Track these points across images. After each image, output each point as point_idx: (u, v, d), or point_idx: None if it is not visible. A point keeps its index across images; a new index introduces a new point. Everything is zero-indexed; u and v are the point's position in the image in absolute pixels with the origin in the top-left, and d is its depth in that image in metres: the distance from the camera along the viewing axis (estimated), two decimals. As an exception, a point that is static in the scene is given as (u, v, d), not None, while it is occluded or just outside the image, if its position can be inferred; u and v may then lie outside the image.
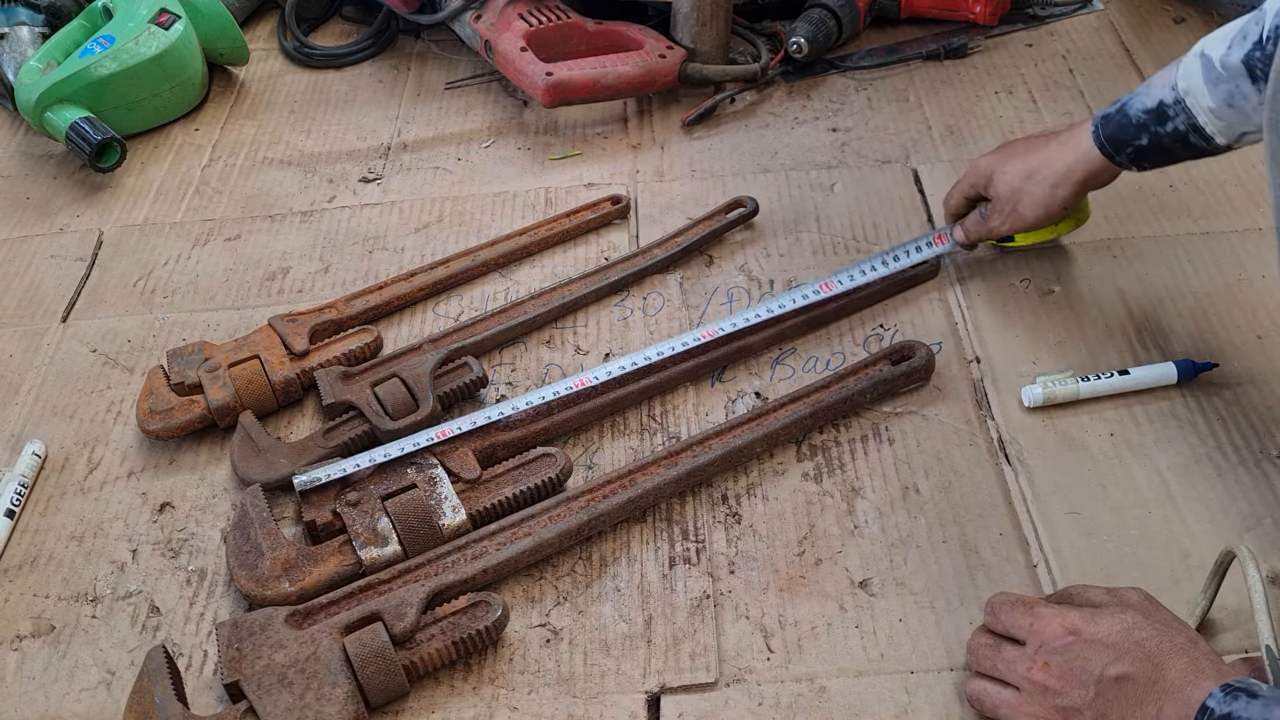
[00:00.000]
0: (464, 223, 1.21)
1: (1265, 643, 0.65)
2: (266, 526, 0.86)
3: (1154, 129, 0.87)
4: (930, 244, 1.04)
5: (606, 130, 1.33)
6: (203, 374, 0.99)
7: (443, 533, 0.85)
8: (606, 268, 1.10)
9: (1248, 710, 0.58)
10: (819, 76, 1.38)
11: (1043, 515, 0.86)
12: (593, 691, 0.78)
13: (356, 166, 1.32)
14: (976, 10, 1.41)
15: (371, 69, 1.50)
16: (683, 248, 1.11)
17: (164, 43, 1.35)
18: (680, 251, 1.11)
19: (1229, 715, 0.58)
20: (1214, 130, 0.84)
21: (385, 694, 0.76)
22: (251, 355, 1.00)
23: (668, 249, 1.11)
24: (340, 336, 1.05)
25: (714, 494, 0.90)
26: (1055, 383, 0.93)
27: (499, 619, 0.79)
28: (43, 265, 1.21)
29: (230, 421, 0.97)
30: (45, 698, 0.81)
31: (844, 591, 0.82)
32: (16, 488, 0.94)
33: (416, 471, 0.89)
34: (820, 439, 0.93)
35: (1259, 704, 0.58)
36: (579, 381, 0.95)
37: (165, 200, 1.29)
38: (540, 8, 1.36)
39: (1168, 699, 0.61)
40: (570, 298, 1.07)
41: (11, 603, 0.87)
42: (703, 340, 0.98)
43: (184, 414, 0.97)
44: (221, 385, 0.98)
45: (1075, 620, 0.68)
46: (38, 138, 1.39)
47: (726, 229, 1.14)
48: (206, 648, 0.83)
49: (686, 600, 0.83)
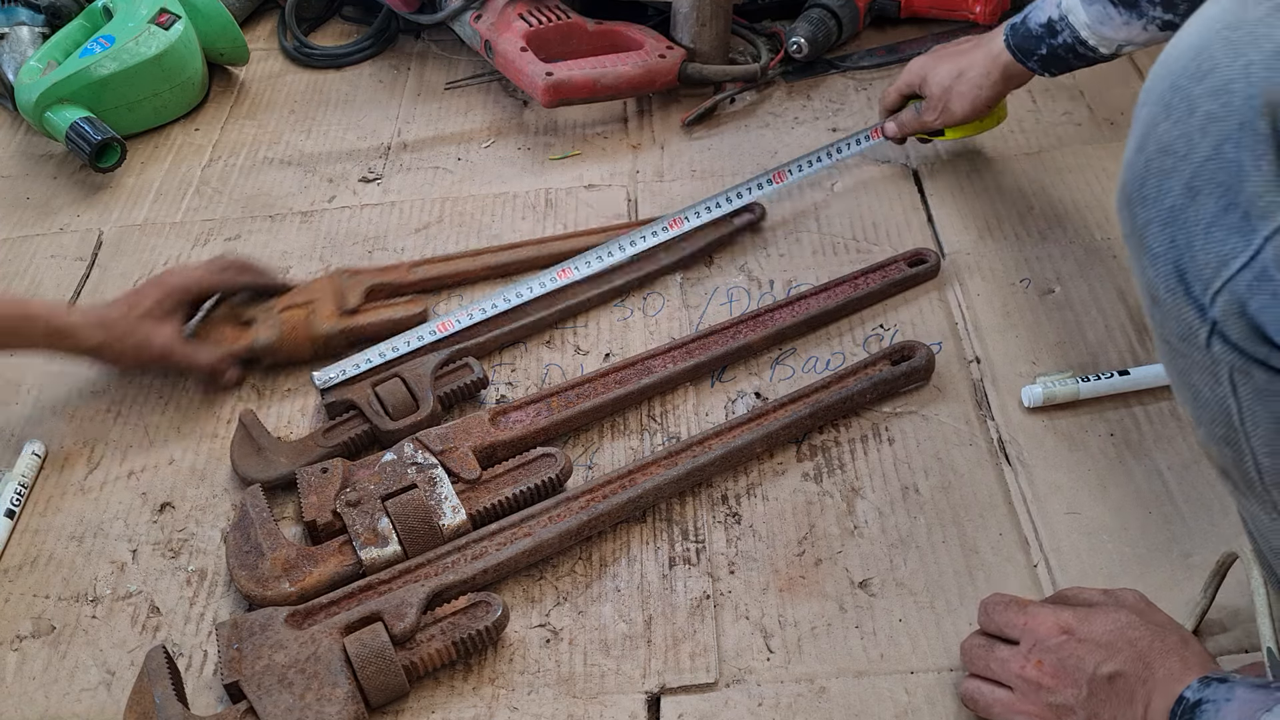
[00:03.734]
0: (464, 223, 1.21)
1: (1267, 644, 0.66)
2: (266, 526, 0.86)
3: (1048, 40, 0.97)
4: (868, 137, 1.17)
5: (606, 130, 1.33)
6: (259, 311, 1.04)
7: (443, 533, 0.85)
8: (610, 271, 1.10)
9: (1216, 693, 0.58)
10: (819, 76, 1.38)
11: (1043, 515, 0.86)
12: (593, 692, 0.78)
13: (356, 166, 1.32)
14: (976, 10, 1.41)
15: (371, 69, 1.50)
16: (688, 253, 1.11)
17: (164, 43, 1.35)
18: (686, 256, 1.11)
19: (1200, 701, 0.58)
20: (1095, 43, 0.94)
21: (385, 694, 0.76)
22: (307, 302, 1.04)
23: (673, 253, 1.11)
24: (392, 302, 1.07)
25: (714, 494, 0.90)
26: (1055, 383, 0.93)
27: (499, 619, 0.79)
28: (43, 265, 1.20)
29: (271, 361, 1.02)
30: (45, 698, 0.81)
31: (844, 591, 0.82)
32: (16, 488, 0.94)
33: (417, 471, 0.89)
34: (820, 439, 0.93)
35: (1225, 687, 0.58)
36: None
37: (165, 200, 1.29)
38: (540, 8, 1.36)
39: (1155, 694, 0.61)
40: (574, 301, 1.07)
41: (11, 603, 0.87)
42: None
43: (231, 342, 1.02)
44: (270, 326, 1.02)
45: (1069, 619, 0.68)
46: (38, 138, 1.39)
47: (734, 234, 1.13)
48: (206, 648, 0.83)
49: (686, 600, 0.83)
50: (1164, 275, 0.51)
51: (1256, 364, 0.49)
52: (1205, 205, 0.48)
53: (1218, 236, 0.47)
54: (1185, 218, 0.49)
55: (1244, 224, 0.46)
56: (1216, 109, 0.47)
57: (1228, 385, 0.52)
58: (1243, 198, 0.46)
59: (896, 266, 1.06)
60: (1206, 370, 0.52)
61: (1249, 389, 0.51)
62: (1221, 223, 0.47)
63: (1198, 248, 0.48)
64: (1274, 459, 0.53)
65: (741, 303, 1.07)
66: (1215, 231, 0.47)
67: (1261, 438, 0.53)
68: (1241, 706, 0.56)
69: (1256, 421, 0.52)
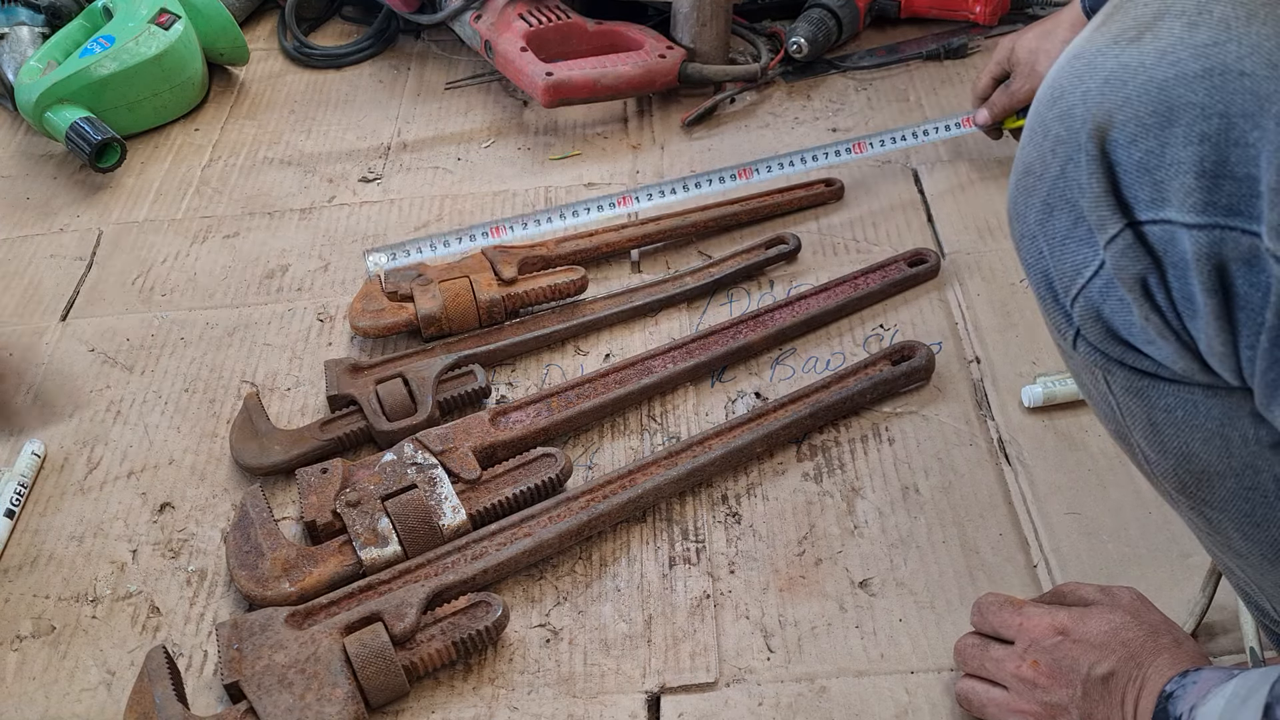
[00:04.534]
0: (463, 221, 1.20)
1: (1249, 644, 0.68)
2: (266, 526, 0.86)
3: None
4: (959, 124, 1.17)
5: (606, 130, 1.33)
6: (415, 286, 1.05)
7: (443, 533, 0.85)
8: (633, 290, 1.08)
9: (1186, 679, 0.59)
10: (819, 76, 1.38)
11: (1043, 515, 0.86)
12: (593, 691, 0.78)
13: (356, 166, 1.32)
14: (976, 10, 1.42)
15: (371, 69, 1.50)
16: (715, 279, 1.08)
17: (164, 43, 1.35)
18: (711, 283, 1.08)
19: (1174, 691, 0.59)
20: None
21: (385, 694, 0.76)
22: (462, 275, 1.06)
23: (699, 279, 1.08)
24: (548, 271, 1.08)
25: (714, 494, 0.90)
26: (1055, 383, 0.93)
27: (499, 619, 0.79)
28: (42, 265, 1.20)
29: (434, 332, 1.04)
30: (45, 698, 0.81)
31: (844, 591, 0.82)
32: (16, 488, 0.94)
33: (416, 471, 0.89)
34: (820, 439, 0.93)
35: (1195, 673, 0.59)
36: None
37: (165, 200, 1.29)
38: (540, 8, 1.36)
39: (1143, 692, 0.62)
40: (592, 316, 1.05)
41: (11, 603, 0.87)
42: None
43: (392, 316, 1.03)
44: (431, 297, 1.04)
45: (1064, 620, 0.69)
46: (38, 138, 1.39)
47: (765, 264, 1.10)
48: (206, 648, 0.83)
49: (686, 600, 0.83)
50: (1036, 285, 0.54)
51: (1116, 364, 0.53)
52: (1059, 220, 0.51)
53: (1071, 248, 0.51)
54: (1045, 231, 0.52)
55: (1089, 236, 0.50)
56: (1062, 132, 0.50)
57: (1104, 384, 0.55)
58: (1085, 212, 0.49)
59: (896, 266, 1.06)
60: (1085, 370, 0.56)
61: (1119, 387, 0.54)
62: (1073, 235, 0.51)
63: (1057, 259, 0.52)
64: (1155, 452, 0.56)
65: (741, 303, 1.07)
66: (1069, 244, 0.51)
67: (1141, 433, 0.56)
68: (1203, 686, 0.57)
69: (1134, 418, 0.55)
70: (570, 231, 1.13)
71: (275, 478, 0.94)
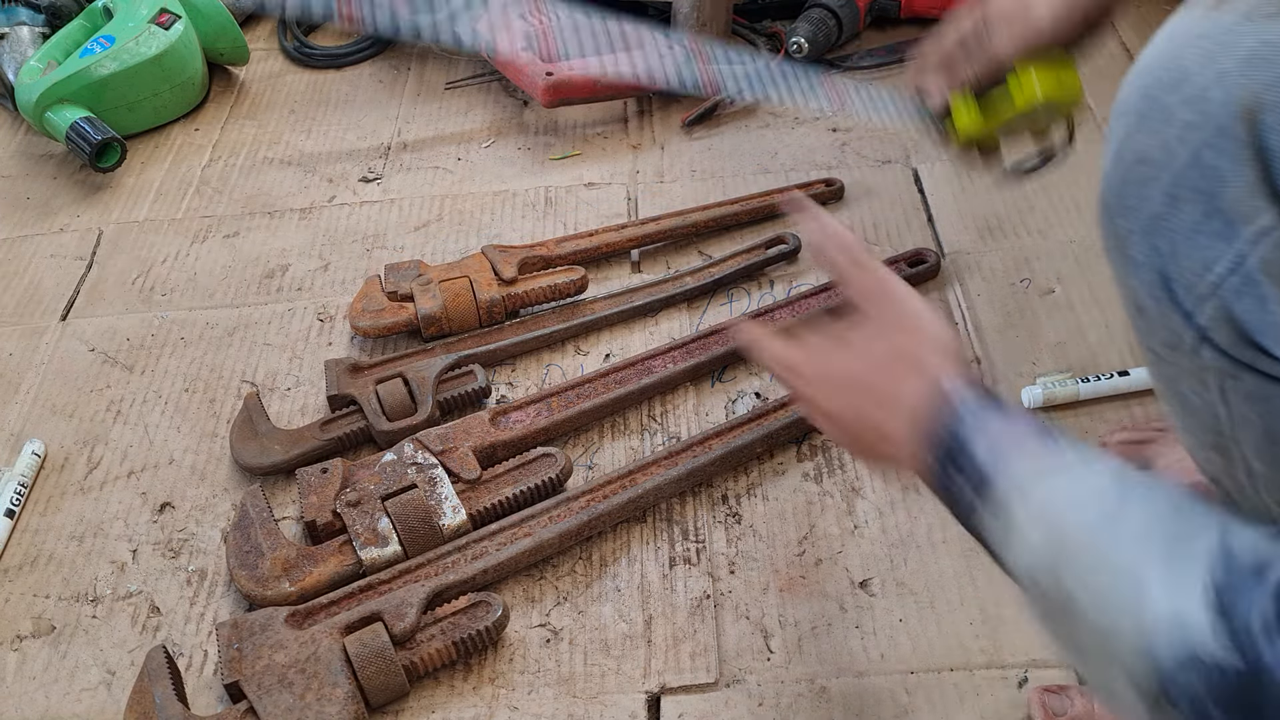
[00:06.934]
0: (463, 221, 1.21)
1: None
2: (266, 526, 0.86)
3: None
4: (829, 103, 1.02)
5: (606, 130, 1.33)
6: (415, 285, 1.05)
7: (443, 533, 0.85)
8: (633, 290, 1.08)
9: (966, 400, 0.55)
10: (819, 76, 1.38)
11: (1043, 515, 0.86)
12: (593, 691, 0.78)
13: (356, 166, 1.32)
14: (976, 10, 1.41)
15: (371, 69, 1.50)
16: (715, 279, 1.08)
17: (164, 43, 1.35)
18: (711, 283, 1.08)
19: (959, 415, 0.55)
20: None
21: (385, 694, 0.76)
22: (462, 275, 1.05)
23: (699, 279, 1.08)
24: (548, 271, 1.08)
25: (714, 494, 0.90)
26: (1055, 383, 0.93)
27: (499, 619, 0.79)
28: (42, 264, 1.20)
29: (434, 332, 1.04)
30: (45, 698, 0.81)
31: (844, 591, 0.82)
32: (16, 487, 0.94)
33: (417, 471, 0.89)
34: (820, 439, 0.93)
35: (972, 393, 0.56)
36: None
37: (165, 200, 1.29)
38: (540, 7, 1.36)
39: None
40: (592, 316, 1.05)
41: (11, 603, 0.87)
42: None
43: (392, 316, 1.03)
44: (431, 297, 1.04)
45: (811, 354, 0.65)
46: (38, 138, 1.39)
47: (765, 264, 1.10)
48: (206, 648, 0.83)
49: (686, 600, 0.83)
50: (1148, 284, 0.50)
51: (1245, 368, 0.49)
52: (1187, 212, 0.47)
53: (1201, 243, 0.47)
54: (1167, 225, 0.48)
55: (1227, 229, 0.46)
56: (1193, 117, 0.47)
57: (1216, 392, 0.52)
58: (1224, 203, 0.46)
59: (896, 266, 1.06)
60: (1195, 377, 0.52)
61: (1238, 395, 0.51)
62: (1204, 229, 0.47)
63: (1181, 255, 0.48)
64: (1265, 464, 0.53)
65: (741, 303, 1.07)
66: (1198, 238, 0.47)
67: (1252, 443, 0.52)
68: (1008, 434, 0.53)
69: (1247, 427, 0.52)
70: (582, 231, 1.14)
71: (275, 478, 0.94)
